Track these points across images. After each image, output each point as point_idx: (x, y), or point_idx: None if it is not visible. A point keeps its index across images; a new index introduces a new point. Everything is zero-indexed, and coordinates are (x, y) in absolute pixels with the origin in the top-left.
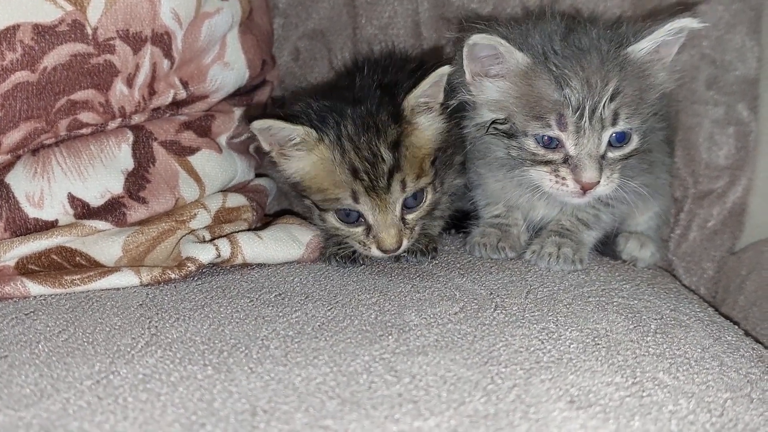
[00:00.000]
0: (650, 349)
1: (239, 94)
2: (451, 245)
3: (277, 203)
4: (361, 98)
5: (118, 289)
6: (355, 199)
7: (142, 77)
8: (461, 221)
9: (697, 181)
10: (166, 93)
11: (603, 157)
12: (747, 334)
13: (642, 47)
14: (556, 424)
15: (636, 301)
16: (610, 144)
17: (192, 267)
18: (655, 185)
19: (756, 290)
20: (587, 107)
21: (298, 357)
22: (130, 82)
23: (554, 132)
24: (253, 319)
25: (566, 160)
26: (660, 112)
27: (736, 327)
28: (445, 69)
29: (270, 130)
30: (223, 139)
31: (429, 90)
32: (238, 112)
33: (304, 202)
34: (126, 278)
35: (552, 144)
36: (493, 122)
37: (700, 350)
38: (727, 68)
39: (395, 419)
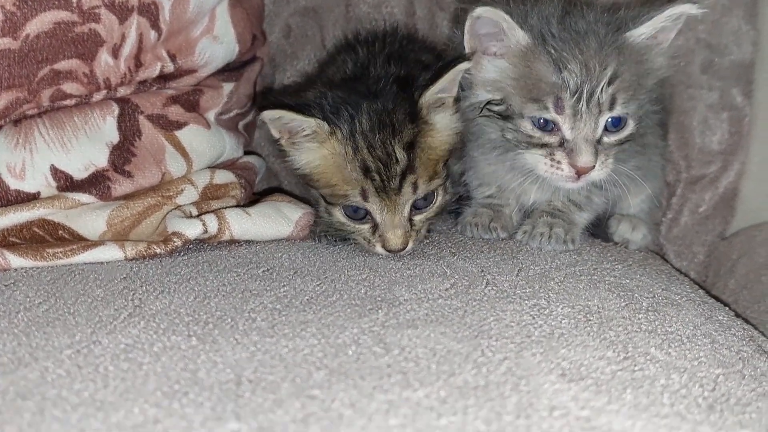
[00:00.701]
0: (642, 325)
1: (229, 70)
2: (443, 226)
3: (266, 182)
4: (377, 92)
5: (102, 263)
6: (365, 198)
7: (128, 48)
8: (453, 203)
9: (690, 165)
10: (153, 65)
11: (599, 141)
12: (737, 315)
13: (641, 32)
14: (548, 395)
15: (628, 281)
16: (606, 128)
17: (178, 242)
18: (648, 168)
19: (747, 274)
20: (585, 91)
21: (285, 329)
22: (115, 53)
23: (551, 115)
24: (240, 293)
25: (562, 143)
26: (655, 95)
27: (727, 308)
28: (465, 65)
29: (281, 119)
30: (211, 115)
31: (446, 85)
32: (227, 87)
33: (311, 192)
34: (110, 252)
35: (548, 127)
36: (488, 103)
37: (692, 328)
38: (723, 52)
39: (384, 389)
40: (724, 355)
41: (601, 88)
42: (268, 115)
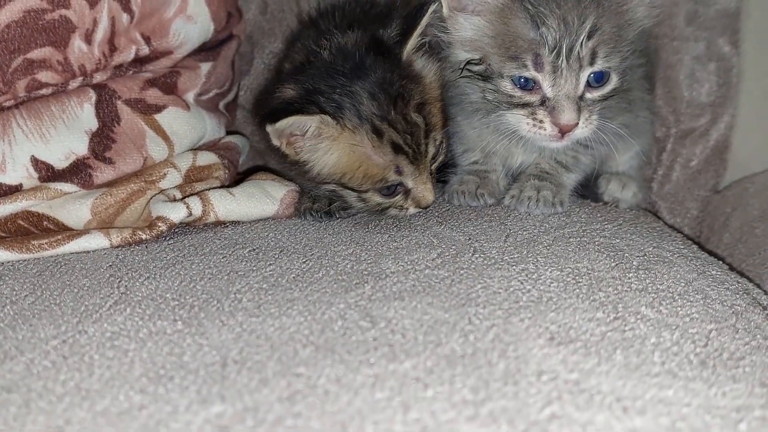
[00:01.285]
0: (633, 285)
1: (205, 50)
2: None
3: (252, 161)
4: (359, 68)
5: (88, 252)
6: (399, 173)
7: (101, 33)
8: (438, 171)
9: (679, 119)
10: (127, 49)
11: (581, 98)
12: (732, 269)
13: None
14: (536, 360)
15: (618, 240)
16: (588, 84)
17: (163, 227)
18: (636, 125)
19: (741, 227)
20: (564, 46)
21: (271, 308)
22: (88, 39)
23: (530, 73)
24: (226, 275)
25: (543, 102)
26: (639, 48)
27: (721, 262)
28: (433, 6)
29: (292, 126)
30: (190, 96)
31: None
32: (204, 67)
33: (327, 188)
34: (95, 240)
35: (528, 85)
36: (468, 63)
37: (683, 284)
38: (707, 2)
39: (370, 363)
40: (716, 310)
41: (581, 43)
42: (282, 125)
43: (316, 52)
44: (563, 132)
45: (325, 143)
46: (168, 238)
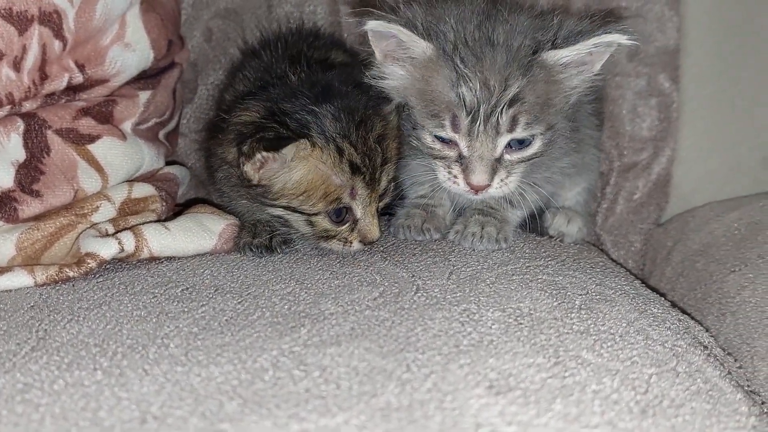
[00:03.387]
0: (574, 326)
1: (144, 78)
2: None
3: (194, 191)
4: (327, 93)
5: (10, 291)
6: (353, 195)
7: (30, 60)
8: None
9: (622, 153)
10: (59, 77)
11: (499, 160)
12: (674, 305)
13: (562, 55)
14: (473, 412)
15: (561, 278)
16: (510, 146)
17: (92, 263)
18: (583, 164)
19: (682, 261)
20: (482, 111)
21: (199, 355)
22: (17, 66)
23: (447, 133)
24: (155, 317)
25: (460, 158)
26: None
27: (662, 299)
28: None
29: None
30: (128, 126)
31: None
32: (143, 96)
33: (273, 212)
34: (18, 279)
35: (447, 140)
36: (401, 107)
37: (625, 325)
38: (648, 39)
39: (300, 418)
40: (657, 353)
41: (501, 110)
42: (286, 152)
43: (282, 77)
44: (476, 190)
45: (295, 162)
46: (97, 275)
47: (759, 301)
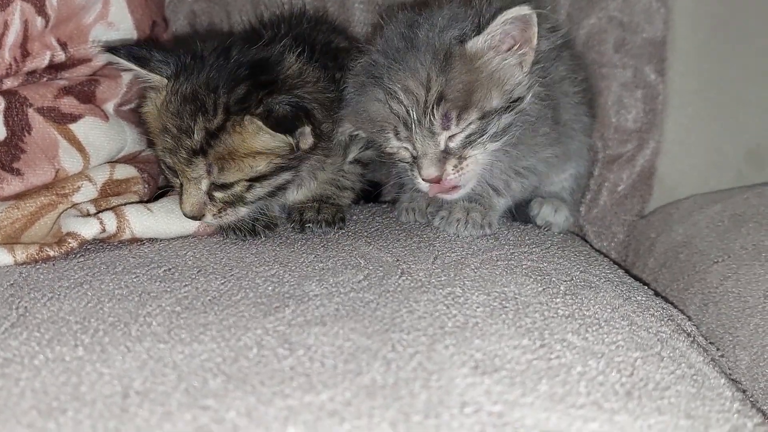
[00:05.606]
0: (559, 310)
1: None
2: (360, 215)
3: None
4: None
5: None
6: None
7: (12, 36)
8: (373, 192)
9: (607, 145)
10: (41, 54)
11: (446, 150)
12: (657, 294)
13: (477, 43)
14: (459, 391)
15: (546, 264)
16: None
17: (73, 243)
18: (568, 152)
19: (665, 252)
20: (414, 117)
21: (182, 333)
22: None
23: (395, 142)
24: (137, 296)
25: (414, 159)
26: (570, 75)
27: (646, 287)
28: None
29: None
30: (110, 106)
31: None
32: (126, 77)
33: None
34: None
35: (399, 147)
36: None
37: (609, 310)
38: (635, 30)
39: (284, 395)
40: (642, 337)
41: (431, 111)
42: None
43: None
44: (437, 182)
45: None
46: (78, 255)
47: (742, 291)
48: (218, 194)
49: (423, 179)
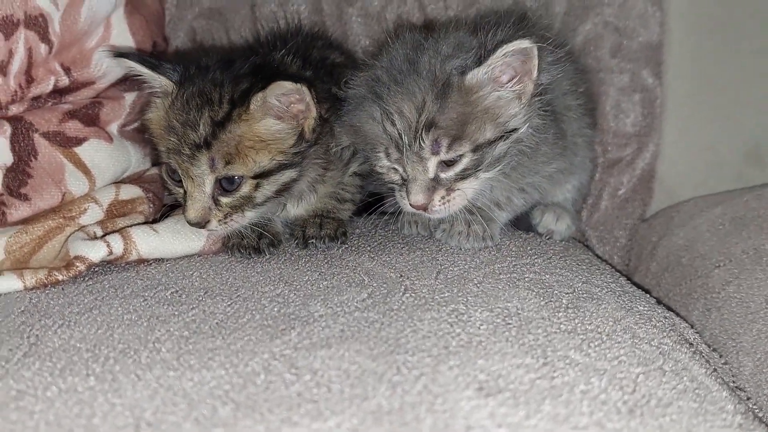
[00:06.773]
0: (561, 325)
1: (130, 79)
2: (362, 228)
3: None
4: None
5: (0, 295)
6: (168, 155)
7: (17, 64)
8: (373, 204)
9: (606, 149)
10: (46, 80)
11: (436, 179)
12: (659, 301)
13: (477, 75)
14: (464, 414)
15: (548, 276)
16: (445, 164)
17: (81, 266)
18: (571, 166)
19: (667, 256)
20: (405, 139)
21: (191, 359)
22: (3, 70)
23: (385, 162)
24: (146, 320)
25: (404, 181)
26: (573, 88)
27: (648, 296)
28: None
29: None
30: (114, 128)
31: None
32: (129, 97)
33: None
34: (8, 283)
35: (390, 167)
36: None
37: (611, 323)
38: (631, 35)
39: (293, 422)
40: (644, 351)
41: (420, 135)
42: None
43: None
44: (420, 209)
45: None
46: (86, 278)
47: (744, 296)
48: (224, 199)
49: (411, 204)
